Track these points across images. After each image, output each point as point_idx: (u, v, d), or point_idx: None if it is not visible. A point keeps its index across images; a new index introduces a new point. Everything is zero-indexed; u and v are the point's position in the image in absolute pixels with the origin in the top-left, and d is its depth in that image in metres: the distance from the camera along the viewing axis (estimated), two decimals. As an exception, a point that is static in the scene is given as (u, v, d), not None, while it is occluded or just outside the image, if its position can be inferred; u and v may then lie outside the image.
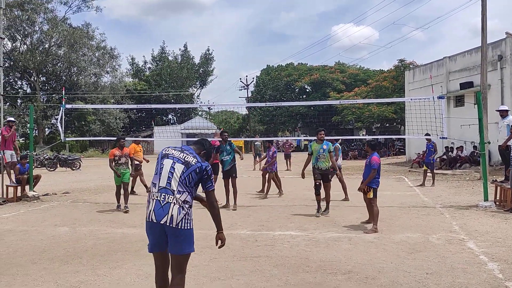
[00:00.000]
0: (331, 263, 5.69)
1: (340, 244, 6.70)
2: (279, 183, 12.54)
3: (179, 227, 3.57)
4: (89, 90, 49.44)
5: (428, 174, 14.79)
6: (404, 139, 31.15)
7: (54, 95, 48.14)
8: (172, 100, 60.54)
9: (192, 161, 3.73)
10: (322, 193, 9.27)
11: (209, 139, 13.48)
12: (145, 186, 13.32)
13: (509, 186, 9.52)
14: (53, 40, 48.33)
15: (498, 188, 10.42)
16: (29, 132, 12.92)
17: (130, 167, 10.62)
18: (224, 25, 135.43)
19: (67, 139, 18.02)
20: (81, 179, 19.02)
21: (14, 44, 48.43)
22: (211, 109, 67.00)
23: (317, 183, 9.05)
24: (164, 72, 62.32)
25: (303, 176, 9.56)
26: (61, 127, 13.23)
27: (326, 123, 43.49)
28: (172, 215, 3.55)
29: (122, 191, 10.39)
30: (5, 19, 40.90)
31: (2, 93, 14.85)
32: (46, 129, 49.63)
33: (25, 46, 48.57)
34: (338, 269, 5.41)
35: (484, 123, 11.69)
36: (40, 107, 44.81)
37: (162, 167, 3.73)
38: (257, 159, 22.72)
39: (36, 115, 42.74)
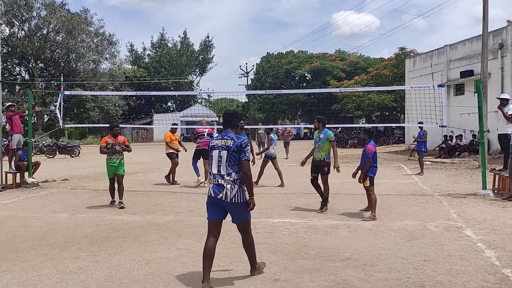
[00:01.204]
0: (330, 250, 5.73)
1: (338, 232, 6.73)
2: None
3: (233, 201, 4.46)
4: (87, 77, 49.27)
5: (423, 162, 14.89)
6: (403, 127, 31.16)
7: (52, 81, 47.98)
8: (172, 88, 60.38)
9: (230, 143, 4.52)
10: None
11: (195, 127, 13.49)
12: (173, 177, 12.76)
13: (508, 175, 9.54)
14: (51, 26, 48.05)
15: (497, 176, 10.45)
16: (27, 118, 12.89)
17: (123, 161, 9.33)
18: (224, 12, 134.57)
19: (66, 126, 18.00)
20: (80, 166, 19.03)
21: (12, 30, 48.18)
22: (211, 96, 67.06)
23: (311, 177, 8.50)
24: (164, 59, 62.06)
25: (302, 164, 9.36)
26: (60, 114, 13.18)
27: (326, 111, 43.37)
28: (226, 193, 4.44)
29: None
30: (2, 4, 40.55)
31: (1, 80, 14.83)
32: (45, 116, 49.58)
33: (23, 31, 48.30)
34: (337, 256, 5.44)
35: (483, 111, 11.65)
36: (38, 93, 44.68)
37: (212, 158, 4.59)
38: (261, 148, 22.36)
39: (35, 101, 42.60)
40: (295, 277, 4.72)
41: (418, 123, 14.03)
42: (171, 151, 12.92)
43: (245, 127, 9.28)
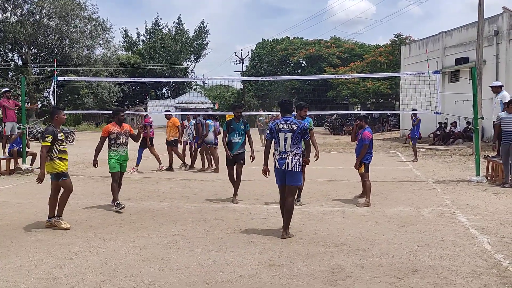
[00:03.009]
0: (324, 235, 5.76)
1: (333, 218, 6.78)
2: (200, 158, 13.08)
3: (293, 169, 5.75)
4: (81, 63, 48.81)
5: (417, 148, 14.98)
6: (398, 114, 31.19)
7: (46, 67, 47.51)
8: (166, 74, 59.98)
9: (294, 127, 5.76)
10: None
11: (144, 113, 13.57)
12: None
13: (501, 161, 9.60)
14: (44, 11, 47.42)
15: (490, 163, 10.52)
16: (21, 105, 12.77)
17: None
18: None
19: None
20: (74, 153, 18.94)
21: (4, 15, 47.53)
22: (206, 83, 66.65)
23: None
24: (158, 45, 61.50)
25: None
26: (54, 100, 13.08)
27: (321, 98, 43.29)
28: (288, 163, 5.74)
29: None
30: (-6, -12, 39.94)
31: (-7, 65, 14.65)
32: (39, 102, 49.16)
33: (16, 17, 47.61)
34: (331, 242, 5.48)
35: (478, 98, 11.69)
36: (32, 79, 44.26)
37: (279, 138, 5.82)
38: (263, 135, 21.54)
39: (28, 87, 42.29)
40: (290, 262, 4.75)
41: (412, 109, 14.06)
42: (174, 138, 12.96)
43: (242, 114, 8.79)
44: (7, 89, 12.79)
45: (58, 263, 4.80)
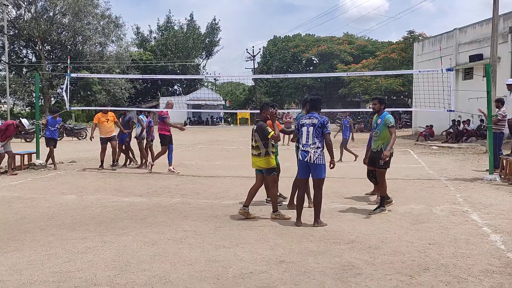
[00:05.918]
0: (335, 233, 5.75)
1: (344, 215, 6.76)
2: (152, 154, 12.68)
3: (315, 162, 6.03)
4: (94, 60, 49.20)
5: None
6: (410, 112, 30.94)
7: (59, 64, 47.97)
8: (178, 71, 60.19)
9: (315, 122, 6.09)
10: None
11: (159, 110, 13.08)
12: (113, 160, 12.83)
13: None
14: (57, 8, 47.80)
15: (504, 161, 10.38)
16: (34, 101, 12.89)
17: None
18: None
19: (72, 108, 18.06)
20: (87, 149, 19.15)
21: (18, 12, 48.04)
22: (217, 80, 66.81)
23: (368, 170, 7.45)
24: (170, 42, 61.74)
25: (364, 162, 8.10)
26: (67, 96, 13.23)
27: (333, 96, 43.12)
28: (310, 156, 6.04)
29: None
30: (9, -14, 40.34)
31: (7, 62, 14.80)
32: (52, 99, 49.71)
33: (30, 14, 48.11)
34: (342, 239, 5.47)
35: (492, 96, 11.54)
36: (45, 76, 44.72)
37: (302, 132, 6.18)
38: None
39: (42, 84, 42.70)
40: (300, 259, 4.75)
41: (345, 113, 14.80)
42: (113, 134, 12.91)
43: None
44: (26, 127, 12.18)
45: (71, 257, 4.86)
